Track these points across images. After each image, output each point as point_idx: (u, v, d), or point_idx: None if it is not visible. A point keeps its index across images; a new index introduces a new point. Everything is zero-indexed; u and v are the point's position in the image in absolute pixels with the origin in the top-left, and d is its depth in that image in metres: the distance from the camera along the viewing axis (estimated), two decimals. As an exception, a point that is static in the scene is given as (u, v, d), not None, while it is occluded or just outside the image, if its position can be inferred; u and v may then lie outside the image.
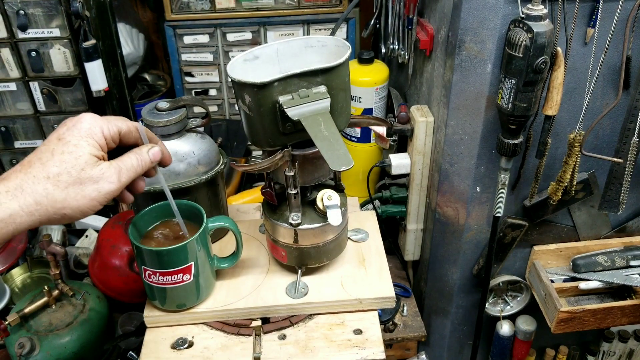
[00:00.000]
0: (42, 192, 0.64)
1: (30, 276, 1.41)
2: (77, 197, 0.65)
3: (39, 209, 0.64)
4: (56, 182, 0.64)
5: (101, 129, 0.68)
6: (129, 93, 1.57)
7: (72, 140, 0.66)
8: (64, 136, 0.67)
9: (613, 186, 1.15)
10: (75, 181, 0.65)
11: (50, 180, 0.64)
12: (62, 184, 0.65)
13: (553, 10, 0.94)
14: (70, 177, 0.65)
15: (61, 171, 0.65)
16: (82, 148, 0.66)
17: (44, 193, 0.64)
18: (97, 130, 0.68)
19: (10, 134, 1.45)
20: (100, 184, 0.67)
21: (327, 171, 0.92)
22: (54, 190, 0.64)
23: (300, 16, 1.58)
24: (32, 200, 0.63)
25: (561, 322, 1.17)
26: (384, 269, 1.01)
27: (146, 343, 0.92)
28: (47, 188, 0.64)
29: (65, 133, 0.67)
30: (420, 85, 1.30)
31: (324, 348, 0.90)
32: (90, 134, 0.67)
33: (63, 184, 0.65)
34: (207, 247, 0.91)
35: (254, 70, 0.86)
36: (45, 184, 0.64)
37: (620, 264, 1.22)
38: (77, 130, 0.67)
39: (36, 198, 0.64)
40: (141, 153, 0.72)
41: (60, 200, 0.64)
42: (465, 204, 1.18)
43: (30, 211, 0.63)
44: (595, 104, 1.07)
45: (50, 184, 0.64)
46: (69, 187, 0.65)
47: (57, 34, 1.33)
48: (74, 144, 0.66)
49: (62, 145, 0.66)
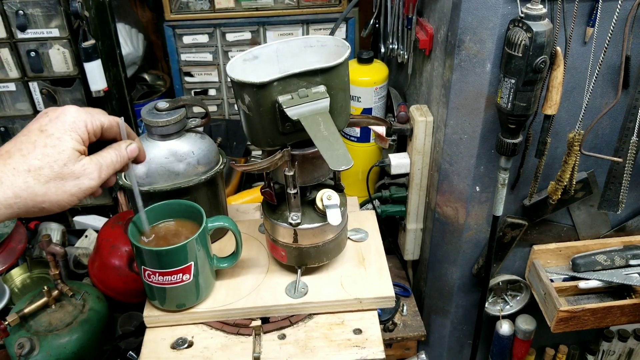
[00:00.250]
0: (23, 185, 0.62)
1: (30, 276, 1.41)
2: (58, 192, 0.64)
3: (17, 202, 0.62)
4: (37, 176, 0.63)
5: (85, 123, 0.67)
6: (128, 93, 1.57)
7: (55, 133, 0.65)
8: (46, 128, 0.65)
9: (612, 185, 1.15)
10: (57, 176, 0.64)
11: (32, 173, 0.63)
12: (44, 178, 0.63)
13: (552, 9, 0.94)
14: (52, 172, 0.63)
15: (43, 165, 0.63)
16: (65, 142, 0.65)
17: (24, 186, 0.62)
18: (81, 124, 0.67)
19: (10, 134, 1.45)
20: (81, 180, 0.66)
21: (326, 171, 0.92)
22: (35, 184, 0.63)
23: (299, 16, 1.58)
24: (12, 193, 0.62)
25: (561, 322, 1.17)
26: (383, 269, 1.01)
27: (146, 343, 0.92)
28: (28, 181, 0.62)
29: (48, 125, 0.65)
30: (420, 85, 1.30)
31: (324, 348, 0.90)
32: (74, 128, 0.66)
33: (44, 178, 0.63)
34: (206, 247, 0.91)
35: (254, 70, 0.86)
36: (25, 177, 0.62)
37: (620, 263, 1.22)
38: (60, 123, 0.66)
39: (15, 191, 0.62)
40: (120, 149, 0.72)
41: (40, 195, 0.63)
42: (464, 204, 1.18)
43: (9, 204, 0.62)
44: (594, 103, 1.07)
45: (31, 178, 0.62)
46: (50, 182, 0.63)
47: (57, 34, 1.33)
48: (57, 137, 0.65)
49: (44, 137, 0.64)
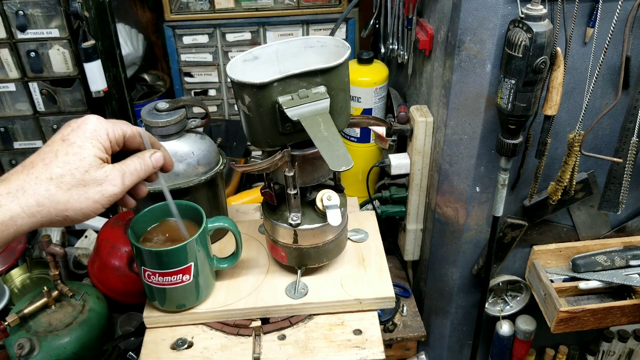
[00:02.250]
0: (45, 193, 0.62)
1: (30, 277, 1.41)
2: (81, 199, 0.64)
3: (40, 211, 0.62)
4: (59, 184, 0.63)
5: (106, 131, 0.67)
6: (128, 93, 1.57)
7: (76, 141, 0.65)
8: (68, 137, 0.65)
9: (613, 186, 1.15)
10: (79, 183, 0.64)
11: (54, 181, 0.63)
12: (66, 185, 0.63)
13: (552, 10, 0.94)
14: (74, 179, 0.64)
15: (65, 172, 0.63)
16: (86, 150, 0.65)
17: (46, 194, 0.62)
18: (102, 133, 0.67)
19: (10, 134, 1.45)
20: (104, 186, 0.66)
21: (326, 171, 0.92)
22: (57, 191, 0.63)
23: (299, 16, 1.58)
24: (34, 201, 0.62)
25: (561, 322, 1.17)
26: (383, 269, 1.01)
27: (146, 344, 0.92)
28: (50, 189, 0.63)
29: (70, 134, 0.66)
30: (420, 85, 1.30)
31: (324, 348, 0.90)
32: (96, 136, 0.66)
33: (66, 185, 0.63)
34: (206, 247, 0.91)
35: (254, 71, 0.86)
36: (47, 185, 0.63)
37: (620, 264, 1.22)
38: (82, 131, 0.66)
39: (38, 199, 0.62)
40: (144, 158, 0.72)
41: (63, 202, 0.63)
42: (464, 204, 1.18)
43: (32, 212, 0.62)
44: (594, 103, 1.07)
45: (53, 185, 0.63)
46: (72, 189, 0.64)
47: (57, 34, 1.32)
48: (79, 145, 0.65)
49: (66, 146, 0.65)
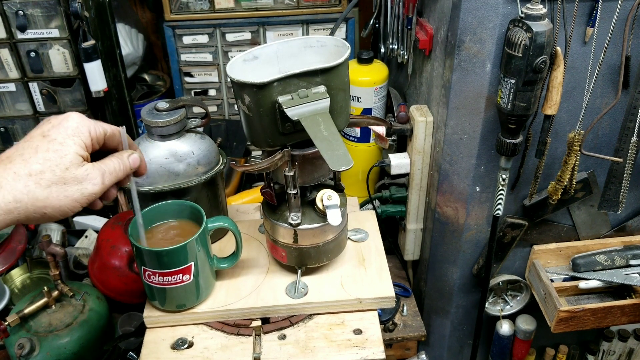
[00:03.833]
0: (23, 189, 0.61)
1: (30, 277, 1.41)
2: (60, 197, 0.63)
3: (18, 207, 0.61)
4: (39, 180, 0.62)
5: (88, 129, 0.67)
6: (128, 93, 1.56)
7: (57, 138, 0.64)
8: (49, 133, 0.64)
9: (613, 185, 1.15)
10: (59, 180, 0.63)
11: (33, 177, 0.61)
12: (45, 182, 0.62)
13: (552, 9, 0.94)
14: (54, 176, 0.63)
15: (45, 169, 0.62)
16: (68, 147, 0.64)
17: (24, 190, 0.61)
18: (84, 130, 0.66)
19: (10, 134, 1.45)
20: (84, 185, 0.65)
21: (326, 171, 0.92)
22: (36, 188, 0.62)
23: (299, 16, 1.58)
24: (12, 197, 0.60)
25: (561, 322, 1.17)
26: (383, 269, 1.01)
27: (146, 343, 0.92)
28: (29, 186, 0.61)
29: (51, 130, 0.65)
30: (420, 85, 1.30)
31: (324, 348, 0.90)
32: (77, 133, 0.65)
33: (46, 182, 0.62)
34: (206, 247, 0.91)
35: (254, 71, 0.86)
36: (26, 181, 0.61)
37: (620, 263, 1.22)
38: (63, 128, 0.65)
39: (16, 196, 0.61)
40: (122, 158, 0.71)
41: (41, 199, 0.62)
42: (464, 204, 1.18)
43: (9, 209, 0.60)
44: (594, 103, 1.07)
45: (32, 182, 0.61)
46: (52, 186, 0.63)
47: (57, 34, 1.33)
48: (60, 142, 0.64)
49: (47, 142, 0.64)
